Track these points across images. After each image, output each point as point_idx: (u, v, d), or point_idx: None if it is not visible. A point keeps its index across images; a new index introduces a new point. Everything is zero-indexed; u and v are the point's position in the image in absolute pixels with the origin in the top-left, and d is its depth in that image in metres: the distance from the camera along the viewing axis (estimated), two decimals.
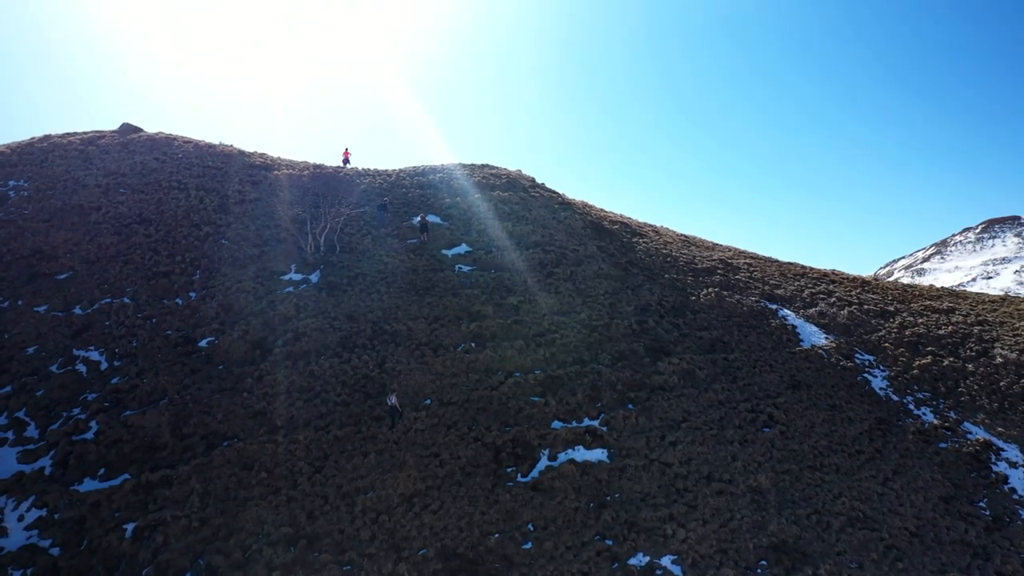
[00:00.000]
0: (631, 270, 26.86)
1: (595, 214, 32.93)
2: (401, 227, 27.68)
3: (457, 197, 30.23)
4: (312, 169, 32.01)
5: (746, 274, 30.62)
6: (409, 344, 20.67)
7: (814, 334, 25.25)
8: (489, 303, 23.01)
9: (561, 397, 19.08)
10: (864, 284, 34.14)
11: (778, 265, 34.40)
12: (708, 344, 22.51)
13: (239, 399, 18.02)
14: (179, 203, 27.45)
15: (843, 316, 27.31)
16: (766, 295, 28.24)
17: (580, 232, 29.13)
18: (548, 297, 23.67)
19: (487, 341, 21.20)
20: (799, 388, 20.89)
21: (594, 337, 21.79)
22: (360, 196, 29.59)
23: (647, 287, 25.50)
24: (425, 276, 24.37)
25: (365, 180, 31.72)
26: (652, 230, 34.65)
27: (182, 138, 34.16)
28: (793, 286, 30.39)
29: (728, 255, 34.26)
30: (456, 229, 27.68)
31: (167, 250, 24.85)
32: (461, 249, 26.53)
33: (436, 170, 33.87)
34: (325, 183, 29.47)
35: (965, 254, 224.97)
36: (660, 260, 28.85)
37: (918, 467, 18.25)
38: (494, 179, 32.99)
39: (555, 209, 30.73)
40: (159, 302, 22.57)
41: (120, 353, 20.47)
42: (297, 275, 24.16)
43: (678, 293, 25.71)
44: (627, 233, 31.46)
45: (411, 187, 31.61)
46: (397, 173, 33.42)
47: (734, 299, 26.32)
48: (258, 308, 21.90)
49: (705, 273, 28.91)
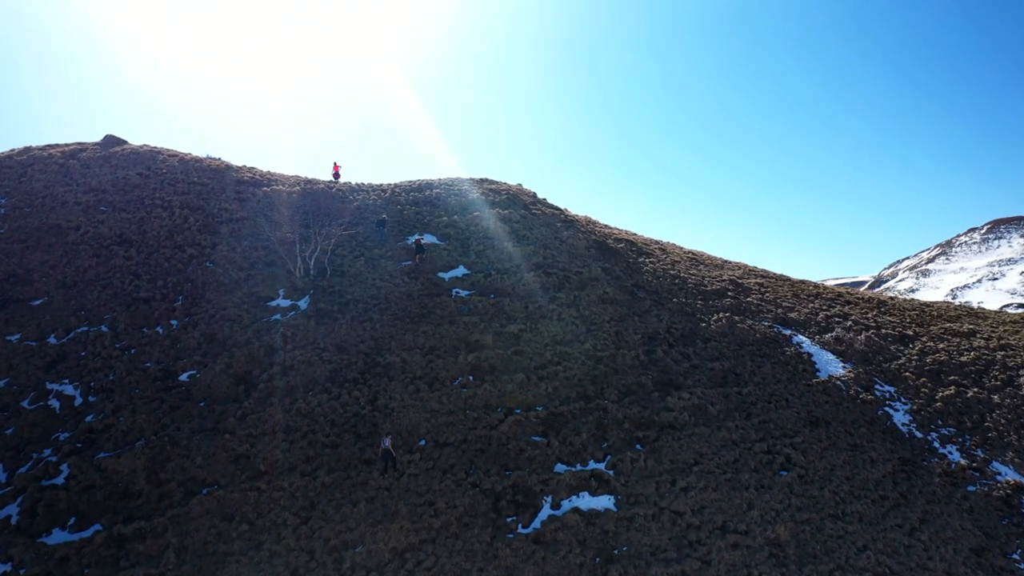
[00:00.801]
0: (637, 294, 26.20)
1: (599, 232, 32.30)
2: (396, 248, 27.03)
3: (455, 215, 29.61)
4: (303, 185, 31.39)
5: (757, 296, 29.96)
6: (403, 378, 19.99)
7: (831, 363, 24.57)
8: (488, 331, 22.34)
9: (565, 437, 18.39)
10: (880, 305, 33.50)
11: (790, 285, 33.75)
12: (720, 376, 21.83)
13: (220, 441, 17.31)
14: (162, 222, 26.80)
15: (860, 342, 26.63)
16: (779, 319, 27.57)
17: (583, 252, 28.49)
18: (551, 325, 23.00)
19: (486, 374, 20.52)
20: (817, 425, 20.19)
21: (599, 369, 21.11)
22: (353, 214, 28.97)
23: (655, 313, 24.83)
24: (420, 302, 23.71)
25: (359, 197, 31.09)
26: (658, 248, 34.01)
27: (167, 151, 33.56)
28: (807, 309, 29.74)
29: (737, 274, 33.61)
30: (453, 250, 27.03)
31: (148, 274, 24.19)
32: (459, 272, 25.88)
33: (433, 185, 33.26)
34: (316, 200, 28.85)
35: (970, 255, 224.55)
36: (668, 282, 28.19)
37: (946, 514, 17.53)
38: (493, 195, 32.37)
39: (557, 228, 30.10)
40: (138, 331, 21.89)
41: (96, 387, 19.79)
42: (285, 301, 23.50)
43: (687, 319, 25.04)
44: (633, 252, 30.82)
45: (406, 204, 30.98)
46: (392, 188, 32.80)
47: (746, 325, 25.65)
48: (243, 338, 21.22)
49: (715, 296, 28.25)
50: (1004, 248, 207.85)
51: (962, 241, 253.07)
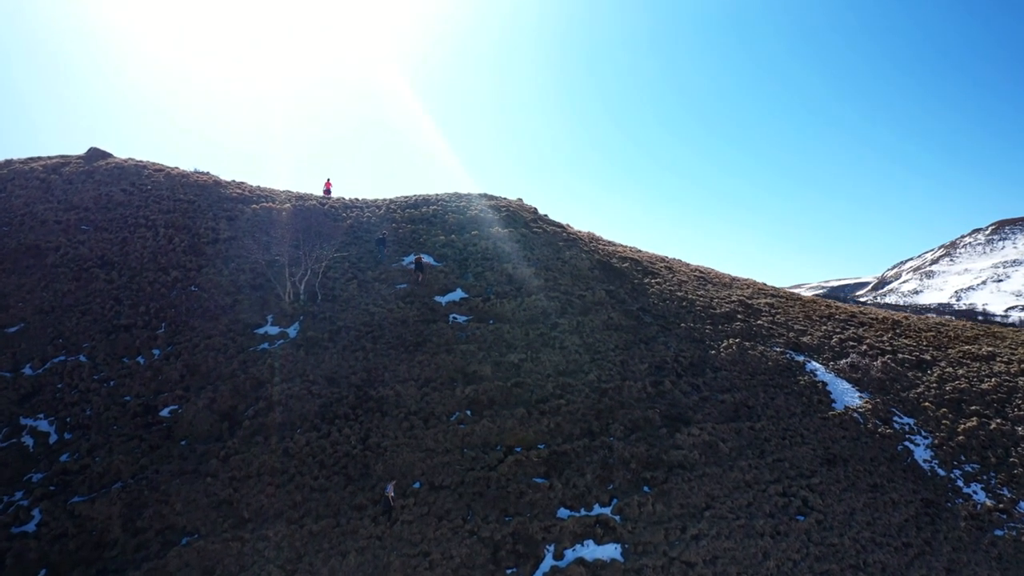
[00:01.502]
0: (644, 319, 25.61)
1: (602, 250, 31.75)
2: (391, 269, 26.46)
3: (452, 234, 29.06)
4: (294, 201, 30.86)
5: (768, 318, 29.38)
6: (397, 413, 19.36)
7: (847, 392, 23.96)
8: (487, 361, 21.74)
9: (568, 478, 17.75)
10: (895, 326, 32.93)
11: (801, 305, 33.18)
12: (731, 409, 21.21)
13: (202, 485, 16.66)
14: (145, 243, 26.24)
15: (877, 368, 26.04)
16: (791, 344, 26.98)
17: (587, 273, 27.92)
18: (553, 354, 22.40)
19: (484, 409, 19.91)
20: (835, 463, 19.56)
21: (604, 403, 20.50)
22: (346, 234, 28.41)
23: (662, 340, 24.24)
24: (416, 329, 23.11)
25: (352, 214, 30.54)
26: (664, 266, 33.46)
27: (153, 165, 33.03)
28: (820, 332, 29.15)
29: (747, 294, 33.05)
30: (451, 272, 26.46)
31: (130, 299, 23.60)
32: (456, 296, 25.30)
33: (430, 201, 32.72)
34: (308, 219, 28.32)
35: (975, 256, 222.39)
36: (675, 305, 27.61)
37: (974, 563, 16.90)
38: (493, 212, 31.82)
39: (559, 247, 29.54)
40: (118, 361, 21.29)
41: (72, 423, 19.18)
42: (273, 328, 22.89)
43: (696, 346, 24.45)
44: (638, 272, 30.26)
45: (401, 222, 30.42)
46: (387, 205, 32.26)
47: (757, 351, 25.06)
48: (228, 370, 20.60)
49: (724, 319, 27.67)
50: (1009, 249, 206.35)
51: (966, 242, 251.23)
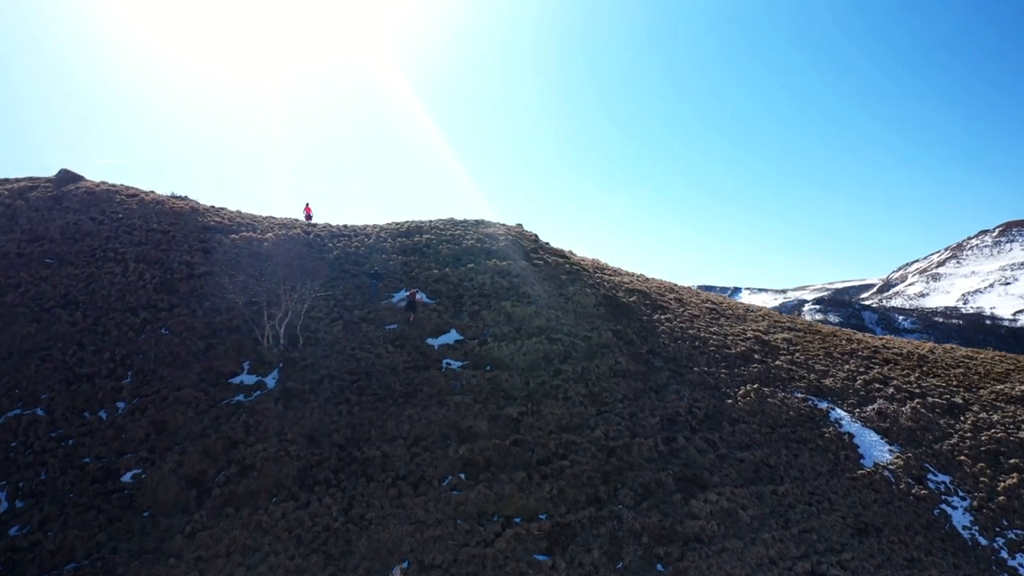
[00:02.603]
0: (654, 363, 24.56)
1: (608, 283, 30.74)
2: (379, 308, 25.41)
3: (446, 267, 28.04)
4: (276, 231, 29.85)
5: (787, 357, 28.34)
6: (384, 478, 18.24)
7: (876, 445, 22.88)
8: (483, 415, 20.65)
9: (572, 555, 16.61)
10: (921, 362, 31.91)
11: (821, 339, 32.16)
12: (751, 469, 20.11)
13: (164, 567, 15.49)
14: (114, 279, 25.17)
15: (906, 416, 24.97)
16: (813, 388, 25.93)
17: (592, 311, 26.88)
18: (555, 406, 21.32)
19: (480, 471, 18.79)
20: (867, 534, 18.44)
21: (612, 463, 19.39)
22: (331, 267, 27.38)
23: (674, 387, 23.17)
24: (406, 377, 22.03)
25: (338, 245, 29.52)
26: (674, 297, 32.45)
27: (126, 190, 32.04)
28: (843, 372, 28.11)
29: (762, 327, 32.04)
30: (445, 311, 25.42)
31: (94, 343, 22.51)
32: (450, 338, 24.24)
33: (422, 229, 31.72)
34: (290, 251, 27.31)
35: (982, 258, 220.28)
36: (687, 345, 26.57)
37: None
38: (490, 241, 30.82)
39: (562, 281, 28.52)
40: (78, 416, 20.18)
41: (25, 489, 18.03)
42: (250, 377, 21.80)
43: (711, 394, 23.38)
44: (647, 308, 29.24)
45: (392, 252, 29.42)
46: (376, 233, 31.26)
47: (777, 398, 23.99)
48: (198, 428, 19.48)
49: (740, 360, 26.61)
50: (1017, 251, 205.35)
51: (973, 244, 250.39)
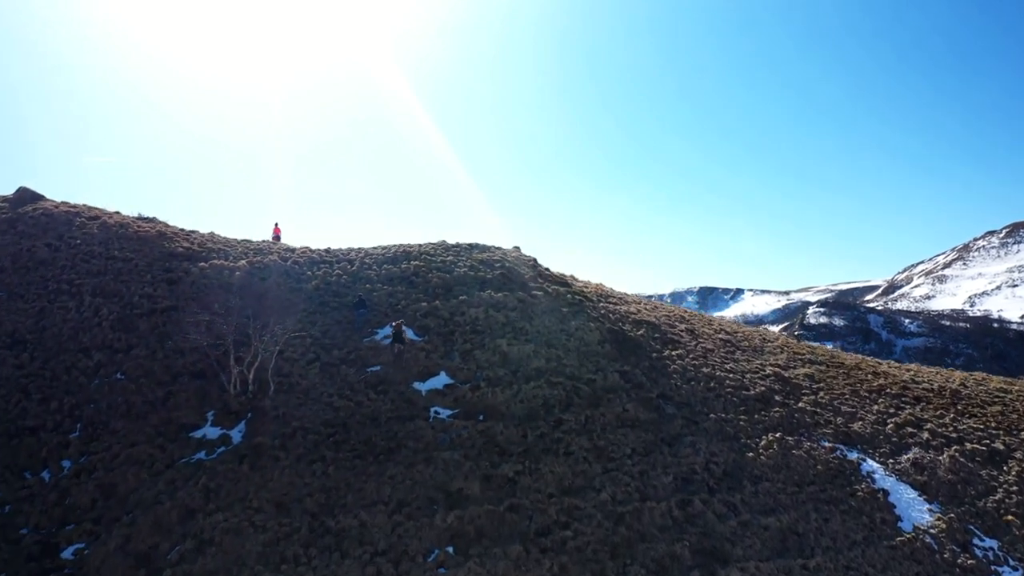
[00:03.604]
0: (665, 409, 22.95)
1: (613, 313, 29.17)
2: (361, 347, 23.80)
3: (436, 299, 26.45)
4: (250, 257, 28.26)
5: (810, 397, 26.76)
6: (361, 554, 16.57)
7: (913, 504, 21.27)
8: (475, 475, 19.02)
9: None
10: (955, 399, 30.35)
11: (845, 374, 30.59)
12: (778, 539, 18.47)
13: None
14: (67, 315, 23.57)
15: (945, 466, 23.38)
16: (841, 435, 24.34)
17: (596, 349, 25.29)
18: (556, 463, 19.70)
19: (471, 544, 17.13)
20: None
21: (620, 533, 17.74)
22: (310, 299, 25.79)
23: (688, 439, 21.57)
24: (389, 429, 20.42)
25: (318, 273, 27.92)
26: (686, 328, 30.88)
27: (88, 212, 30.46)
28: (871, 414, 26.53)
29: (781, 361, 30.48)
30: (434, 350, 23.81)
31: (41, 391, 20.89)
32: (439, 381, 22.64)
33: (411, 254, 30.13)
34: (264, 280, 25.74)
35: (989, 260, 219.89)
36: (701, 387, 24.97)
37: None
38: (485, 269, 29.25)
39: (563, 314, 26.93)
40: (19, 477, 18.55)
41: None
42: (214, 430, 20.18)
43: (730, 446, 21.77)
44: (656, 342, 27.66)
45: (377, 281, 27.83)
46: (361, 259, 29.67)
47: (803, 449, 22.39)
48: (151, 493, 17.82)
49: (759, 403, 25.02)
50: None
51: (980, 245, 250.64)
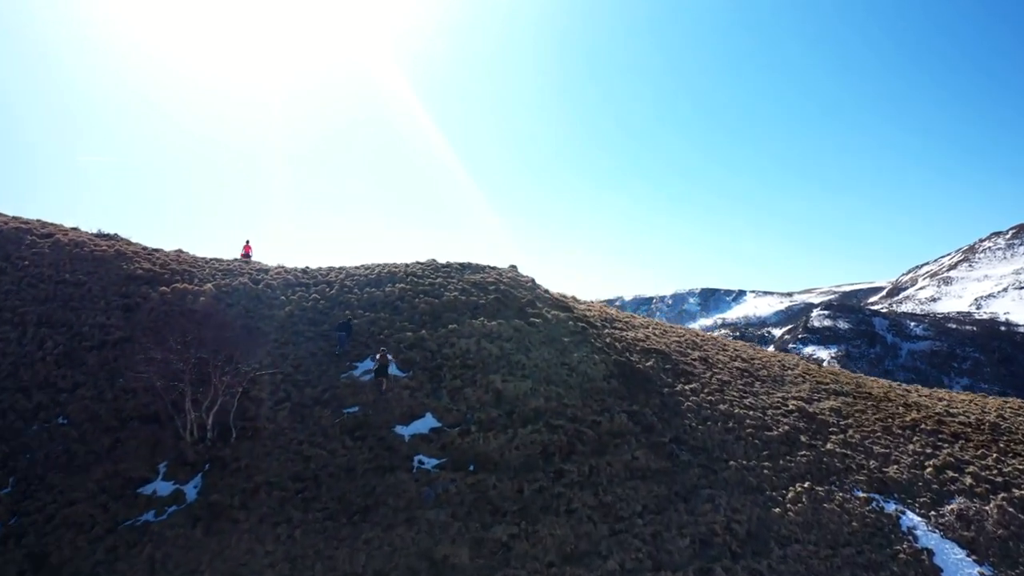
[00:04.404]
0: (680, 456, 20.99)
1: (619, 342, 27.22)
2: (337, 384, 21.82)
3: (423, 328, 24.48)
4: (219, 279, 26.28)
5: (838, 435, 24.82)
6: None
7: (962, 566, 19.30)
8: (464, 539, 17.03)
9: None
10: (994, 432, 28.43)
11: (875, 407, 28.65)
12: None
13: None
14: (6, 348, 21.59)
15: (993, 518, 21.42)
16: (876, 482, 22.39)
17: (602, 385, 23.33)
18: (556, 523, 17.71)
19: None
20: None
21: None
22: (282, 327, 23.82)
23: (706, 491, 19.60)
24: (366, 483, 18.43)
25: (293, 297, 25.95)
26: (699, 357, 28.93)
27: (41, 228, 28.47)
28: (907, 455, 24.58)
29: (804, 392, 28.57)
30: (419, 387, 21.85)
31: None
32: (424, 424, 20.68)
33: (395, 276, 28.18)
34: (233, 307, 23.77)
35: (995, 261, 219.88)
36: (719, 428, 23.02)
37: None
38: (478, 292, 27.30)
39: (564, 345, 24.96)
40: None
41: None
42: (165, 485, 18.18)
43: (753, 499, 19.80)
44: (668, 374, 25.71)
45: (358, 306, 25.86)
46: (341, 281, 27.70)
47: (835, 502, 20.44)
48: (87, 564, 15.81)
49: (785, 446, 23.07)
50: None
51: (986, 247, 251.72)
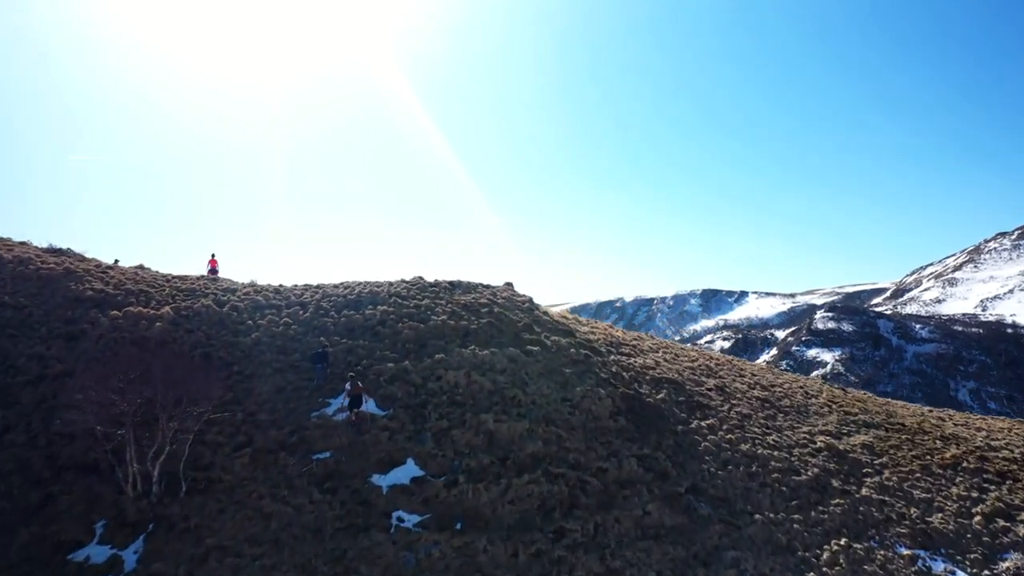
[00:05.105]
0: (698, 509, 18.77)
1: (627, 371, 25.00)
2: (306, 425, 19.58)
3: (405, 358, 22.24)
4: (179, 301, 23.98)
5: (874, 479, 22.64)
6: None
7: None
8: None
9: None
10: None
11: (910, 441, 26.45)
12: None
13: None
14: None
15: None
16: (919, 534, 20.19)
17: (608, 423, 21.11)
18: None
19: None
20: None
21: None
22: (247, 357, 21.56)
23: (730, 554, 17.38)
24: (336, 546, 16.18)
25: (261, 321, 23.68)
26: (716, 385, 26.72)
27: None
28: (952, 500, 22.40)
29: (832, 425, 26.38)
30: (400, 428, 19.61)
31: None
32: (405, 473, 18.43)
33: (377, 297, 25.93)
34: (192, 334, 21.53)
35: (1000, 262, 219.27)
36: (742, 473, 20.81)
37: None
38: (469, 316, 25.06)
39: (566, 378, 22.71)
40: None
41: None
42: (101, 550, 15.91)
43: (784, 561, 17.58)
44: (682, 408, 23.50)
45: (334, 332, 23.62)
46: (316, 302, 25.44)
47: (876, 563, 18.24)
48: None
49: (816, 492, 20.88)
50: None
51: (991, 247, 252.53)
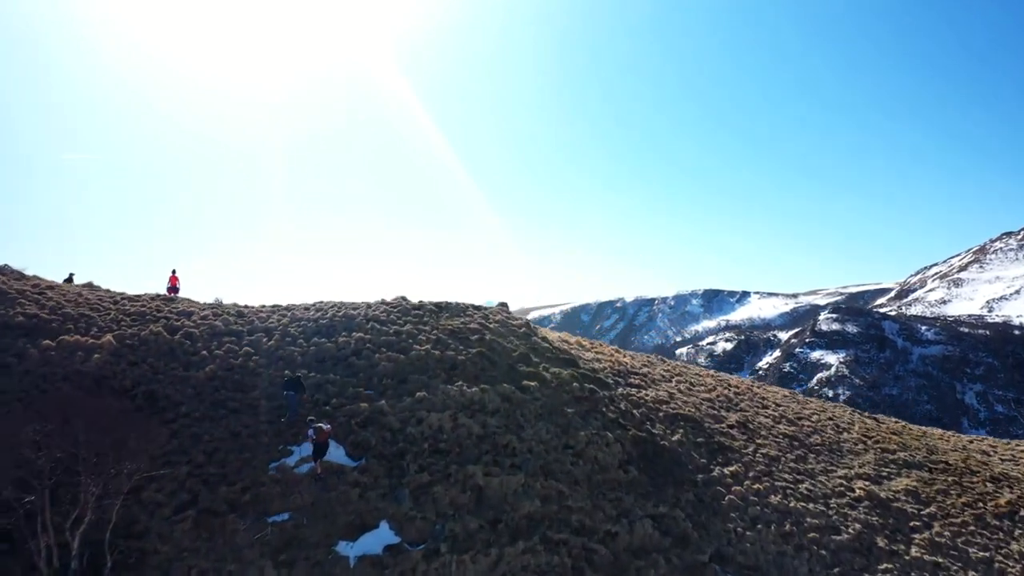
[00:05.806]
0: None
1: (638, 407, 22.37)
2: (262, 481, 16.96)
3: (383, 396, 19.61)
4: (125, 326, 21.28)
5: (923, 533, 20.12)
6: None
7: None
8: None
9: None
10: None
11: (958, 486, 23.90)
12: None
13: None
14: None
15: None
16: None
17: (617, 475, 18.51)
18: None
19: None
20: None
21: None
22: (198, 395, 18.88)
23: None
24: None
25: (219, 350, 20.98)
26: (738, 421, 24.12)
27: None
28: (1014, 561, 19.94)
29: (869, 467, 23.88)
30: (373, 483, 16.98)
31: None
32: (377, 540, 15.79)
33: (351, 322, 23.22)
34: (134, 366, 18.91)
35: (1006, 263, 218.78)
36: (774, 534, 18.22)
37: None
38: (457, 344, 22.44)
39: (568, 419, 20.09)
40: None
41: None
42: None
43: None
44: (701, 452, 20.92)
45: (302, 363, 20.96)
46: (283, 327, 22.77)
47: None
48: None
49: (860, 556, 18.33)
50: None
51: (997, 247, 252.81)
